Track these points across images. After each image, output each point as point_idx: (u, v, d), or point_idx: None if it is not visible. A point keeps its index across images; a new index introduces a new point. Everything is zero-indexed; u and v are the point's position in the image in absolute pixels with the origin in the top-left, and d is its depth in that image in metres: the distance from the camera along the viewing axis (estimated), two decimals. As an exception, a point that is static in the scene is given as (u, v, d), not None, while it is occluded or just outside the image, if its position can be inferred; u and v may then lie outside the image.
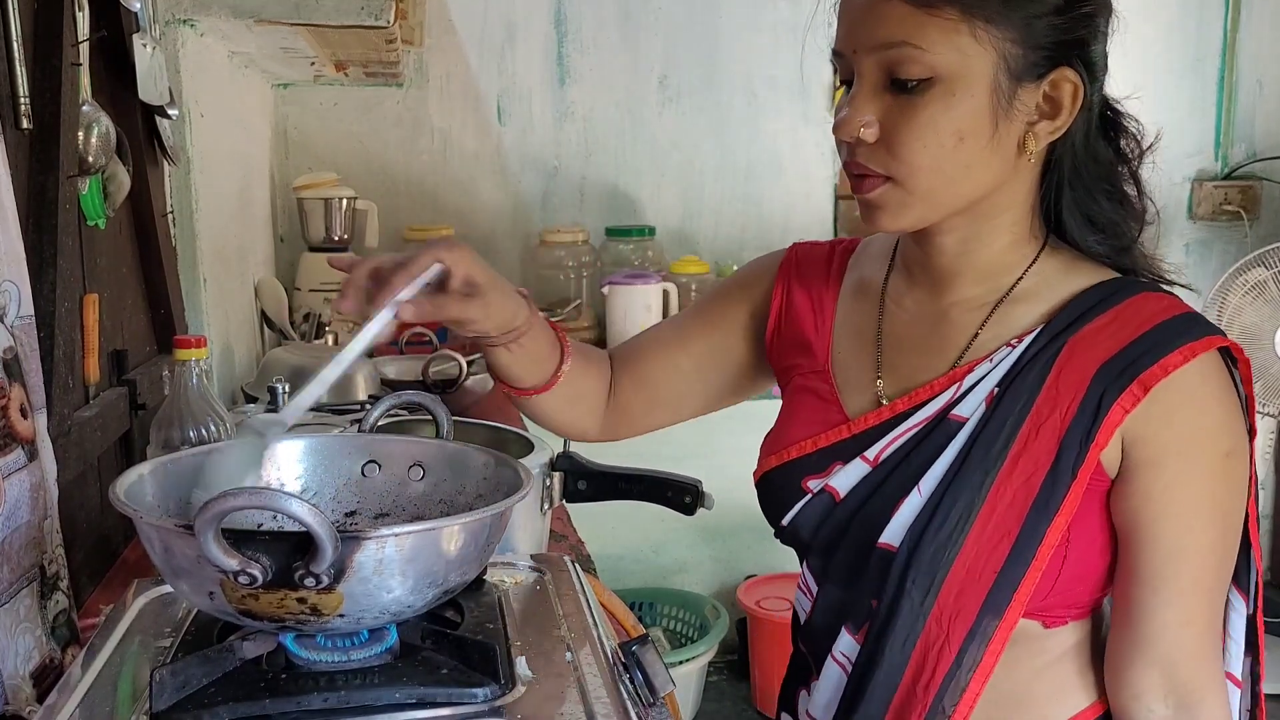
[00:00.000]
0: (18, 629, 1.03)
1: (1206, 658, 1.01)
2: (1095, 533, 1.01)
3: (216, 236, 2.16)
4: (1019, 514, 0.98)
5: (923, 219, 1.01)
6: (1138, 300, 1.01)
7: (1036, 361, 1.01)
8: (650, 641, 0.92)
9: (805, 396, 1.15)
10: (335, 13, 1.87)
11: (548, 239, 3.19)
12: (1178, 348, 0.96)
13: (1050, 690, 1.06)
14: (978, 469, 1.00)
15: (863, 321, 1.14)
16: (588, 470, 1.43)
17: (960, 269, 1.06)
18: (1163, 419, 0.97)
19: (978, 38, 0.94)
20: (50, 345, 1.22)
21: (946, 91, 0.95)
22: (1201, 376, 0.97)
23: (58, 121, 1.29)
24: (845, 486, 1.07)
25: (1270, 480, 3.64)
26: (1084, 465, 0.97)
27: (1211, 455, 0.98)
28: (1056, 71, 0.98)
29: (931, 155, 0.96)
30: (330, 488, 1.04)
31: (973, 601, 1.00)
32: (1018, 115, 0.97)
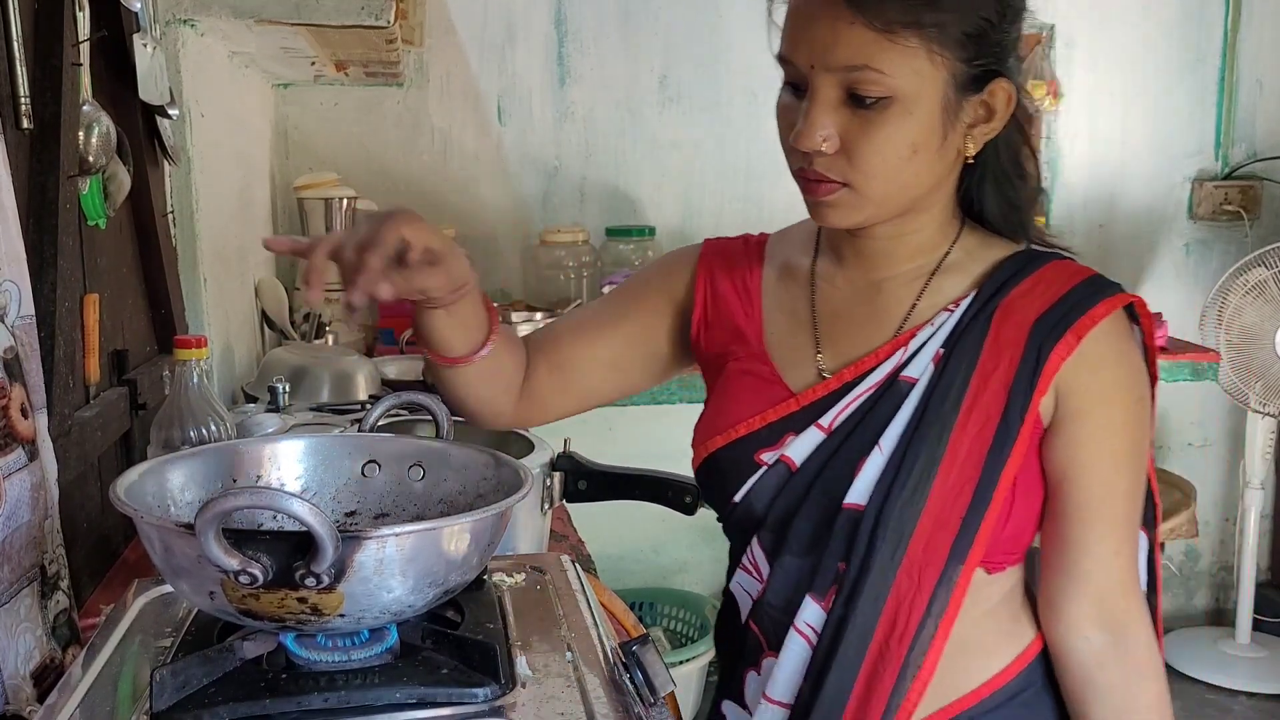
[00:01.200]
0: (18, 629, 1.03)
1: (1133, 588, 1.12)
2: (1033, 478, 1.10)
3: (217, 236, 2.16)
4: (977, 462, 1.07)
5: (871, 220, 1.10)
6: (1054, 265, 1.12)
7: (976, 323, 1.10)
8: (650, 641, 0.92)
9: (744, 379, 1.19)
10: (335, 13, 1.87)
11: (548, 239, 3.19)
12: (1100, 301, 1.08)
13: (994, 634, 1.13)
14: (934, 424, 1.07)
15: (794, 303, 1.20)
16: (588, 470, 1.43)
17: (893, 250, 1.14)
18: (1090, 370, 1.07)
19: (933, 61, 1.02)
20: (51, 345, 1.22)
21: (904, 110, 1.02)
22: (1116, 329, 1.09)
23: (58, 121, 1.29)
24: (801, 455, 1.12)
25: (1270, 480, 3.64)
26: (1030, 411, 1.06)
27: (1130, 401, 1.10)
28: (994, 82, 1.06)
29: (889, 166, 1.04)
30: (331, 487, 1.04)
31: (940, 550, 1.07)
32: (960, 124, 1.06)
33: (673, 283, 1.28)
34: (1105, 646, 1.10)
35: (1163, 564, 3.36)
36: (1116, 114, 3.50)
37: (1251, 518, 3.48)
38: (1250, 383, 3.26)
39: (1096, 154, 3.54)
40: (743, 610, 1.20)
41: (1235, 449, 3.68)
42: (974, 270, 1.13)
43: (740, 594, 1.21)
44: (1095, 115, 3.49)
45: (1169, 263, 3.66)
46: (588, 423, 3.10)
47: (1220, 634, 3.60)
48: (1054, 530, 1.11)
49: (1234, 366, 3.25)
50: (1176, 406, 3.72)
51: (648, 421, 3.28)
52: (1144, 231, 3.63)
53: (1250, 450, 3.47)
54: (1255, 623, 3.52)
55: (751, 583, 1.18)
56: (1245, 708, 3.33)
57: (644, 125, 3.34)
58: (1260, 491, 3.49)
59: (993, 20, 1.04)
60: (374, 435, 1.10)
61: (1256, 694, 3.36)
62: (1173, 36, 3.50)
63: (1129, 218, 3.61)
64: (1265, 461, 3.48)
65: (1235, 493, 3.70)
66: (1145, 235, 3.63)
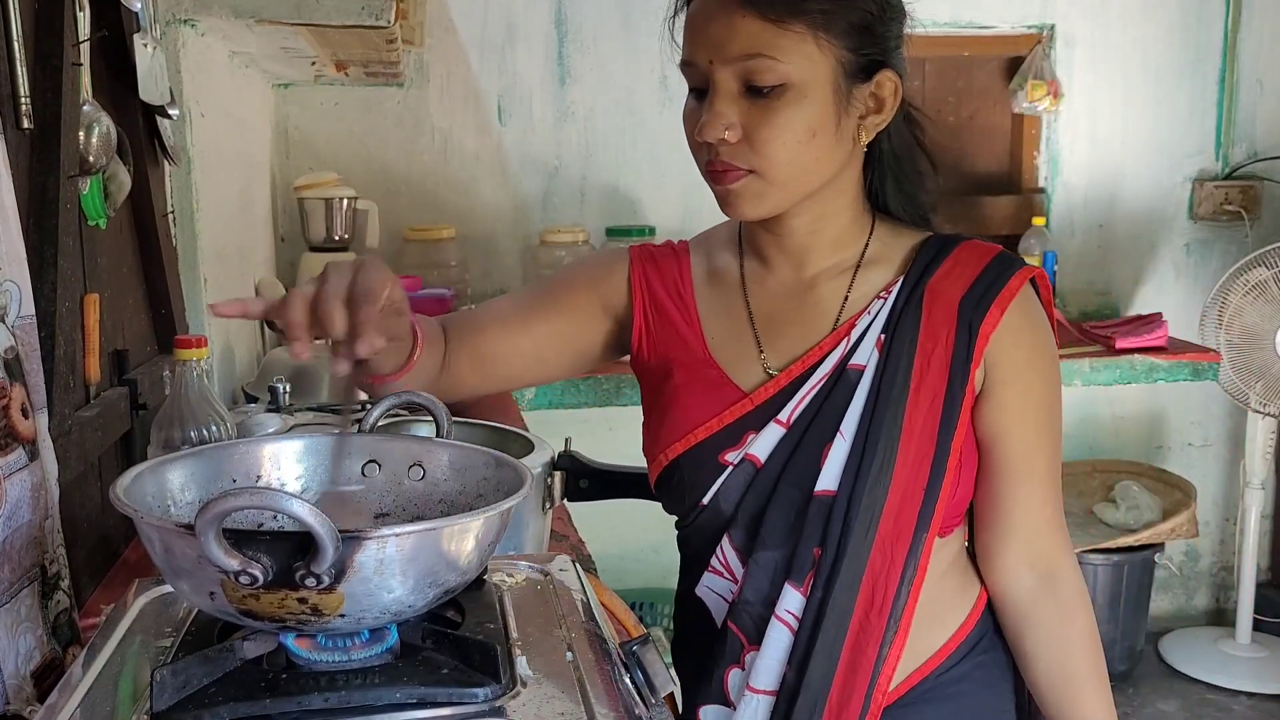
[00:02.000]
0: (19, 628, 1.03)
1: (1059, 533, 1.21)
2: (970, 444, 1.18)
3: (217, 236, 2.16)
4: (931, 436, 1.14)
5: (779, 206, 1.16)
6: (966, 246, 1.20)
7: (909, 307, 1.17)
8: (651, 641, 0.92)
9: (694, 385, 1.23)
10: (336, 13, 1.87)
11: (548, 239, 3.19)
12: (1013, 274, 1.16)
13: (950, 593, 1.22)
14: (889, 406, 1.14)
15: (729, 306, 1.25)
16: (589, 469, 1.43)
17: (814, 245, 1.21)
18: (1012, 339, 1.16)
19: (820, 47, 1.09)
20: (51, 345, 1.22)
21: (799, 95, 1.09)
22: (1029, 300, 1.18)
23: (58, 121, 1.28)
24: (765, 451, 1.17)
25: (1270, 480, 3.64)
26: (969, 382, 1.15)
27: (1045, 365, 1.19)
28: (880, 73, 1.14)
29: (789, 150, 1.11)
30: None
31: (909, 523, 1.14)
32: (853, 111, 1.14)
33: (606, 286, 1.30)
34: (1037, 585, 1.20)
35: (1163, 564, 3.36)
36: (1117, 114, 3.50)
37: (1252, 518, 3.48)
38: (1250, 383, 3.26)
39: (1097, 154, 3.54)
40: (716, 613, 1.23)
41: (1235, 449, 3.68)
42: (895, 258, 1.21)
43: (711, 597, 1.24)
44: (1095, 115, 3.49)
45: (1169, 263, 3.66)
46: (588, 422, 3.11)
47: (1220, 634, 3.60)
48: (987, 488, 1.20)
49: (1234, 366, 3.25)
50: (1177, 406, 3.72)
51: (648, 421, 3.28)
52: (1144, 231, 3.63)
53: (1250, 450, 3.47)
54: (1255, 623, 3.52)
55: (724, 584, 1.22)
56: (1245, 708, 3.33)
57: (644, 125, 3.34)
58: (1260, 491, 3.49)
59: (874, 13, 1.11)
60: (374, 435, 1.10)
61: (1257, 694, 3.36)
62: (1173, 36, 3.50)
63: (1129, 218, 3.61)
64: (1265, 461, 3.48)
65: (1235, 493, 3.70)
66: (1145, 235, 3.64)
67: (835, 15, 1.09)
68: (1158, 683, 3.47)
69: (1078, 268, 3.60)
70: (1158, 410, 3.72)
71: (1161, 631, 3.70)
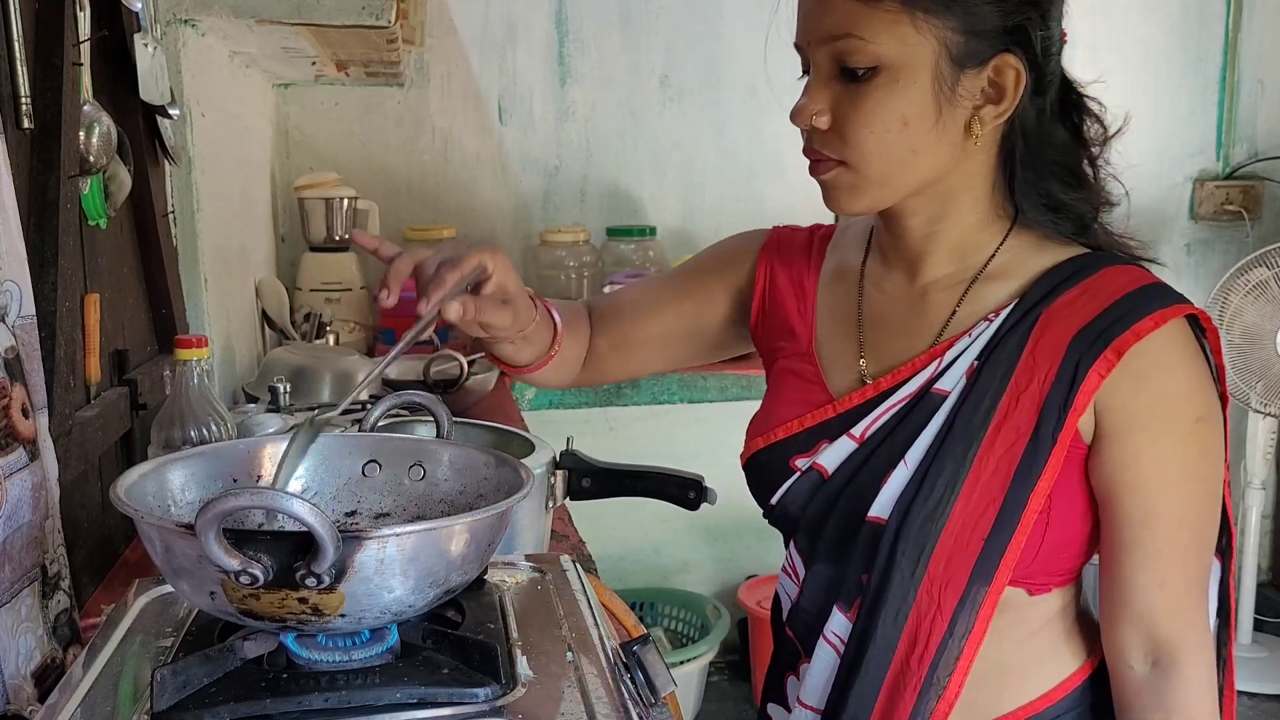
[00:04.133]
0: (19, 628, 1.03)
1: (1184, 619, 1.03)
2: (1075, 499, 1.04)
3: (218, 236, 2.16)
4: (1003, 482, 1.01)
5: (877, 201, 1.06)
6: (1108, 273, 1.05)
7: (1013, 334, 1.04)
8: (651, 641, 0.92)
9: (790, 379, 1.19)
10: (336, 13, 1.87)
11: (549, 239, 3.19)
12: (1148, 314, 1.00)
13: (1036, 657, 1.09)
14: (961, 440, 1.03)
15: (843, 305, 1.18)
16: (592, 468, 1.43)
17: (929, 250, 1.11)
18: (1133, 386, 1.00)
19: (918, 27, 0.98)
20: (51, 345, 1.22)
21: (891, 79, 0.99)
22: (1170, 343, 1.01)
23: (59, 121, 1.28)
24: (833, 464, 1.10)
25: (1270, 480, 3.64)
26: (1063, 431, 1.00)
27: (1182, 421, 1.01)
28: (998, 58, 1.01)
29: (878, 140, 1.01)
30: (331, 487, 1.04)
31: (962, 570, 1.02)
32: (962, 100, 1.01)
33: (734, 268, 1.29)
34: (1147, 679, 1.04)
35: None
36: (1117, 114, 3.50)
37: (1252, 518, 3.48)
38: (1251, 383, 3.26)
39: (1097, 154, 3.54)
40: (784, 614, 1.21)
41: (1236, 449, 3.68)
42: (1021, 276, 1.07)
43: (783, 596, 1.22)
44: (1096, 115, 3.50)
45: (1170, 262, 3.66)
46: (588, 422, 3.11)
47: (1221, 634, 3.60)
48: (1104, 552, 1.05)
49: (1235, 366, 3.25)
50: (1177, 406, 3.72)
51: (648, 421, 3.28)
52: (1145, 231, 3.60)
53: (1251, 450, 3.47)
54: (1256, 623, 3.52)
55: (791, 586, 1.19)
56: (1246, 708, 3.33)
57: (645, 125, 3.34)
58: (1261, 492, 3.49)
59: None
60: (374, 435, 1.10)
61: (1257, 694, 3.36)
62: (1174, 36, 3.50)
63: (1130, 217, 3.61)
64: (1266, 462, 3.48)
65: (1236, 493, 3.70)
66: (1146, 235, 3.61)
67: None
68: (1158, 683, 3.47)
69: (1078, 268, 3.59)
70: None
71: (1162, 631, 3.69)
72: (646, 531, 3.44)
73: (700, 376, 2.90)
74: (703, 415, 3.18)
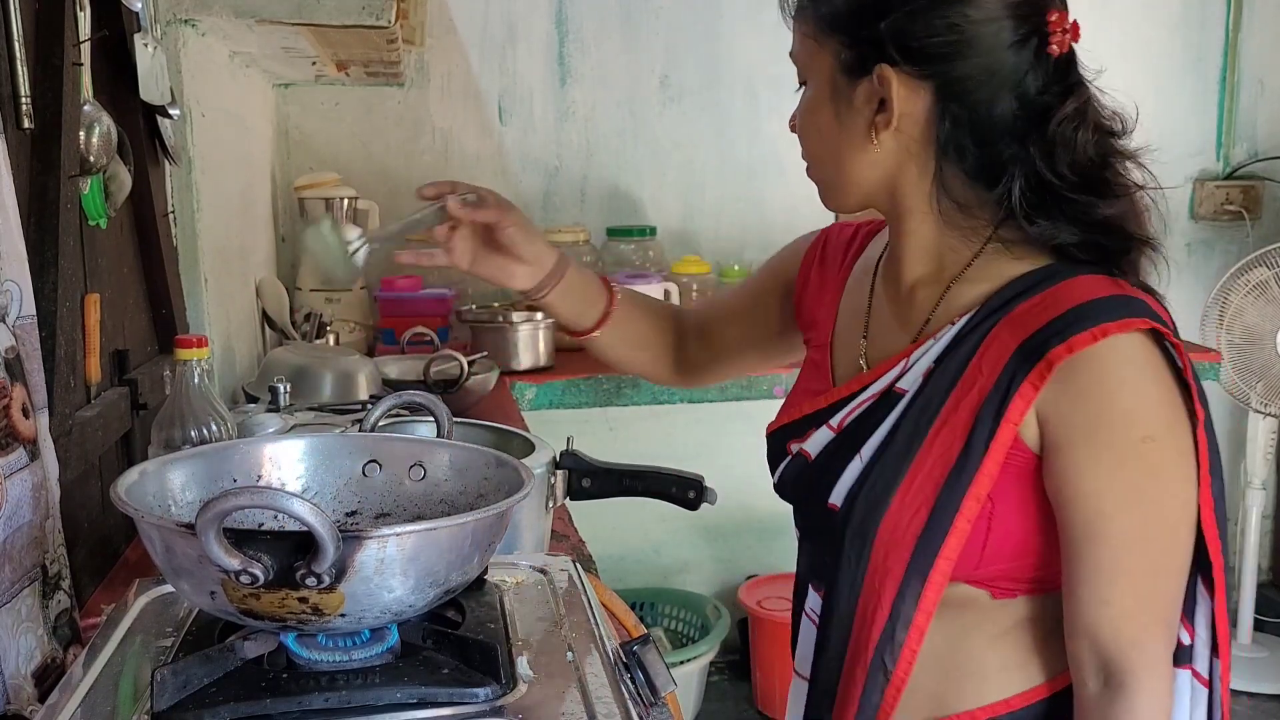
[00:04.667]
0: (19, 628, 1.03)
1: (1132, 641, 1.01)
2: (1025, 507, 1.04)
3: (218, 236, 2.16)
4: (936, 483, 1.03)
5: (842, 204, 1.15)
6: (1071, 283, 1.03)
7: (969, 339, 1.06)
8: (651, 641, 0.92)
9: (809, 367, 1.27)
10: (336, 13, 1.87)
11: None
12: (1089, 328, 0.98)
13: (1001, 662, 1.10)
14: (906, 439, 1.06)
15: (860, 299, 1.23)
16: (592, 468, 1.43)
17: (905, 250, 1.14)
18: (1073, 400, 0.99)
19: (820, 42, 1.09)
20: (52, 345, 1.23)
21: (809, 92, 1.12)
22: (1116, 357, 0.98)
23: (59, 121, 1.29)
24: (815, 449, 1.15)
25: (1271, 480, 3.64)
26: (995, 440, 1.01)
27: (1125, 440, 0.99)
28: (878, 69, 1.05)
29: (812, 148, 1.14)
30: (331, 487, 1.04)
31: (898, 563, 1.05)
32: (860, 109, 1.07)
33: (785, 271, 1.37)
34: (1097, 697, 1.03)
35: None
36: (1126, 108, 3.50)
37: (1253, 518, 3.48)
38: (1251, 383, 3.26)
39: (1097, 154, 3.54)
40: None
41: (1236, 449, 3.68)
42: (991, 282, 1.08)
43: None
44: (1096, 115, 3.49)
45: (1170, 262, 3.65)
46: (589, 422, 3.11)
47: (1221, 634, 3.60)
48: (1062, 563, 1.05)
49: (1235, 366, 3.25)
50: (1177, 406, 3.72)
51: (648, 421, 3.28)
52: (1145, 231, 3.63)
53: (1251, 450, 3.47)
54: (1256, 623, 3.52)
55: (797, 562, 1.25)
56: (1246, 708, 3.33)
57: (645, 125, 3.34)
58: (1261, 492, 3.49)
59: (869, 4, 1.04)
60: (375, 435, 1.10)
61: (1258, 694, 3.36)
62: (1174, 36, 3.50)
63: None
64: (1266, 462, 3.48)
65: (1236, 493, 3.70)
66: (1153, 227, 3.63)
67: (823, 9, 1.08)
68: (1158, 683, 3.47)
69: (1078, 268, 3.59)
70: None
71: (1162, 631, 3.69)
72: (647, 531, 3.44)
73: (701, 377, 2.90)
74: (703, 415, 3.18)
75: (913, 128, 1.06)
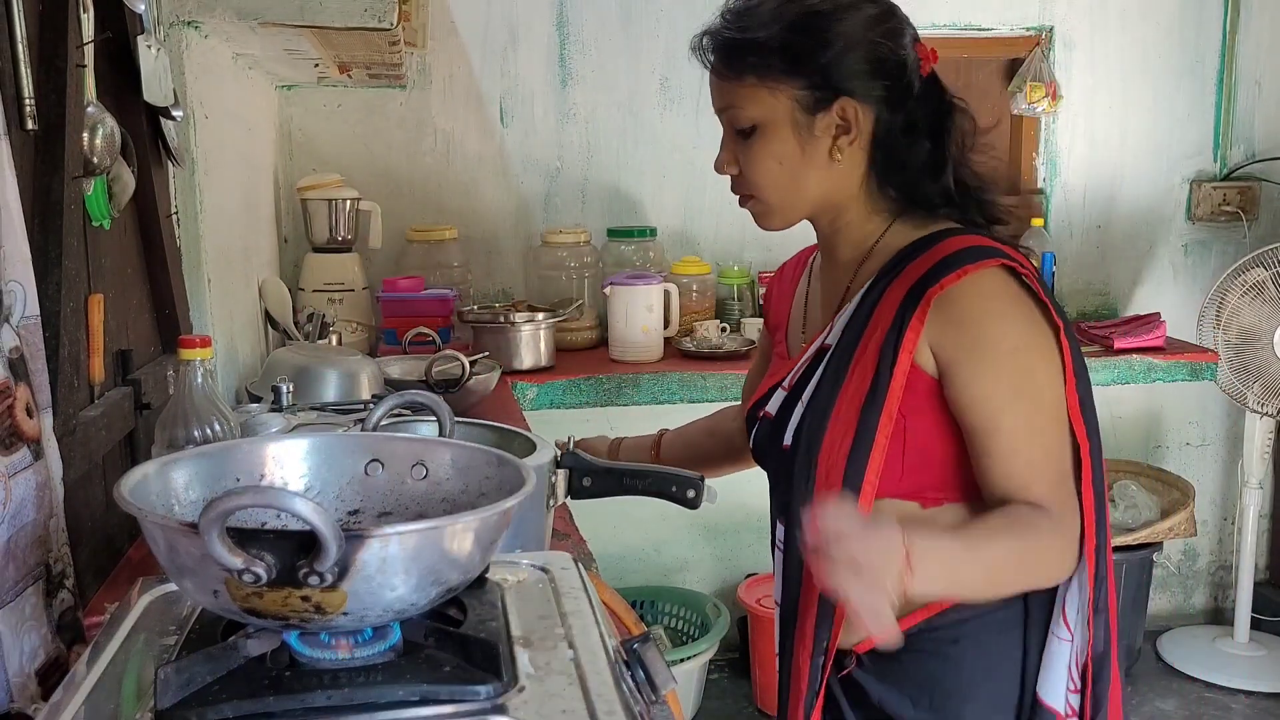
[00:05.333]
0: (23, 627, 1.04)
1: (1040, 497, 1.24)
2: (933, 420, 1.29)
3: (221, 237, 2.17)
4: (856, 409, 1.28)
5: (786, 220, 1.40)
6: (949, 241, 1.30)
7: (871, 296, 1.33)
8: (652, 639, 0.93)
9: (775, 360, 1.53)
10: (339, 15, 1.88)
11: (549, 240, 3.20)
12: (955, 270, 1.26)
13: None
14: (830, 381, 1.32)
15: (802, 295, 1.52)
16: (593, 467, 1.43)
17: (837, 242, 1.42)
18: (951, 327, 1.26)
19: (773, 92, 1.31)
20: (55, 345, 1.23)
21: (763, 133, 1.33)
22: (978, 290, 1.26)
23: (63, 123, 1.29)
24: (774, 408, 1.41)
25: (1268, 480, 3.64)
26: (897, 367, 1.26)
27: (996, 352, 1.25)
28: (839, 101, 1.31)
29: (767, 178, 1.35)
30: (334, 486, 1.04)
31: (838, 479, 1.28)
32: (820, 137, 1.32)
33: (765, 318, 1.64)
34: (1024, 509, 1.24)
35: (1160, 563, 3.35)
36: (1115, 115, 3.50)
37: (1250, 517, 3.49)
38: (1248, 383, 3.27)
39: (1095, 155, 3.55)
40: None
41: (1234, 449, 3.69)
42: (886, 255, 1.35)
43: None
44: (1094, 117, 3.50)
45: (1167, 263, 3.66)
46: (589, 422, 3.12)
47: (1218, 633, 3.61)
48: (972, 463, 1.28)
49: (1232, 367, 3.26)
50: (1175, 406, 3.72)
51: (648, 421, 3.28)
52: (1143, 232, 3.64)
53: (1249, 450, 3.48)
54: (1253, 622, 3.53)
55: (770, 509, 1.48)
56: (1244, 706, 3.33)
57: (645, 126, 3.35)
58: (1259, 491, 3.50)
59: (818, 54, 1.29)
60: (377, 434, 1.10)
61: (1255, 693, 3.37)
62: (1171, 38, 3.50)
63: (1127, 219, 3.61)
64: (1263, 461, 3.49)
65: (1234, 492, 3.70)
66: (1144, 236, 3.64)
67: (776, 65, 1.30)
68: (1156, 681, 3.48)
69: (1076, 268, 3.60)
70: (1156, 410, 3.73)
71: (1160, 630, 3.70)
72: (647, 530, 3.44)
73: (700, 376, 2.91)
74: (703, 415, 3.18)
75: (862, 139, 1.33)
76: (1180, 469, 3.65)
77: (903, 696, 1.34)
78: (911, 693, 1.34)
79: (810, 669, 1.32)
